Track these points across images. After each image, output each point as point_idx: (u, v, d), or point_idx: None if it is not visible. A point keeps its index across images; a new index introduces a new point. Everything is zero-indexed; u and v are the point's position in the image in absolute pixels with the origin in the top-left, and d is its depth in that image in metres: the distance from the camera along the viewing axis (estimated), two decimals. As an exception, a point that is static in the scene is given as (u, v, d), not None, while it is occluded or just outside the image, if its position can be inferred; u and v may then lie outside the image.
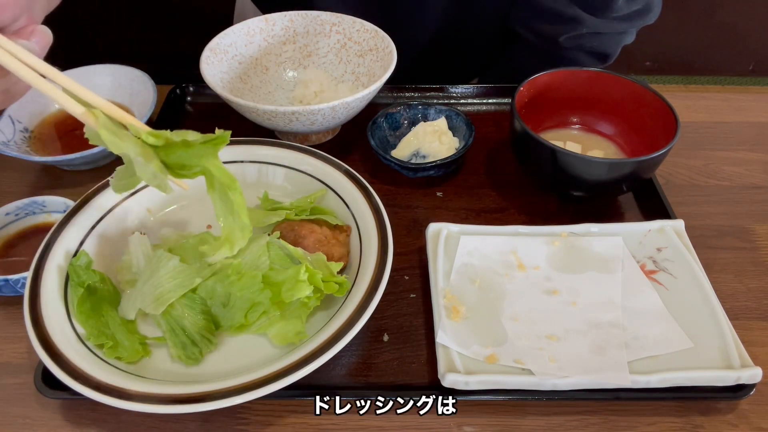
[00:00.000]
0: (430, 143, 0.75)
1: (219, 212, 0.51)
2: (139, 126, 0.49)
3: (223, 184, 0.50)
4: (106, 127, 0.47)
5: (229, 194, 0.50)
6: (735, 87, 2.26)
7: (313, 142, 0.80)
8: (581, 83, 0.75)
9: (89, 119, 0.48)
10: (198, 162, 0.49)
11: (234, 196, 0.50)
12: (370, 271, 0.56)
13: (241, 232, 0.52)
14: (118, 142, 0.47)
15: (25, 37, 0.47)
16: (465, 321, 0.56)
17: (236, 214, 0.51)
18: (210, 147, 0.48)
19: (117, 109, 0.49)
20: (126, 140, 0.48)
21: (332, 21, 0.84)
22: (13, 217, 0.66)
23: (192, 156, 0.49)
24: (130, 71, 0.82)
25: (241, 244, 0.52)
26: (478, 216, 0.71)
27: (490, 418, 0.53)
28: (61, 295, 0.55)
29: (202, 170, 0.50)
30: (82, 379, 0.48)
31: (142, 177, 0.48)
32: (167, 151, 0.49)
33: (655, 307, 0.57)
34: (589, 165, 0.64)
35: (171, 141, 0.48)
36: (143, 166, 0.48)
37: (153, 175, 0.48)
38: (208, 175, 0.50)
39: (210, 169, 0.49)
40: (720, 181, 0.77)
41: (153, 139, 0.48)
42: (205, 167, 0.49)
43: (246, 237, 0.52)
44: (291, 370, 0.48)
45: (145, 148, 0.48)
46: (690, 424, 0.53)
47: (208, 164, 0.49)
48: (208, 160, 0.48)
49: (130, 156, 0.48)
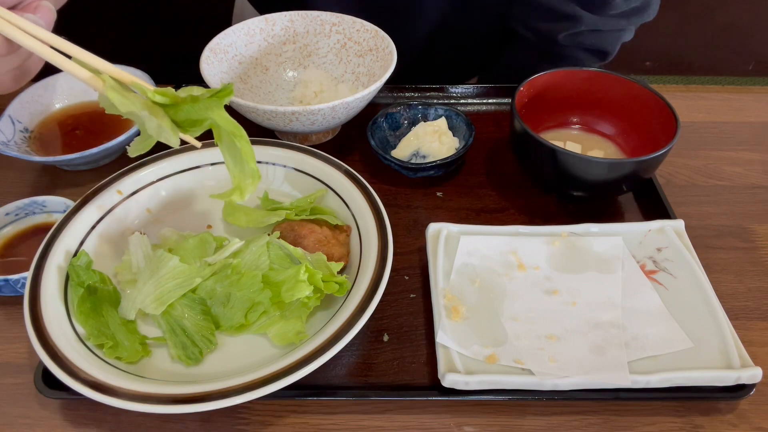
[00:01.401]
0: (430, 143, 0.75)
1: (228, 163, 0.53)
2: (146, 86, 0.51)
3: (230, 133, 0.51)
4: (113, 88, 0.50)
5: (235, 142, 0.51)
6: (735, 87, 2.26)
7: (313, 142, 0.80)
8: (581, 83, 0.75)
9: (97, 83, 0.50)
10: (205, 115, 0.50)
11: (240, 143, 0.51)
12: (370, 271, 0.56)
13: (251, 179, 0.53)
14: (126, 101, 0.49)
15: (31, 12, 0.49)
16: (465, 321, 0.56)
17: (244, 161, 0.52)
18: (216, 100, 0.50)
19: (124, 72, 0.51)
20: (133, 100, 0.50)
21: (332, 21, 0.84)
22: (13, 217, 0.66)
23: (199, 110, 0.50)
24: (130, 71, 0.82)
25: (251, 190, 0.54)
26: (478, 216, 0.71)
27: (490, 418, 0.53)
28: (61, 295, 0.55)
29: (210, 123, 0.51)
30: (82, 379, 0.48)
31: (148, 131, 0.50)
32: (176, 109, 0.51)
33: (655, 307, 0.57)
34: (589, 165, 0.64)
35: (178, 98, 0.50)
36: (148, 119, 0.49)
37: (158, 127, 0.50)
38: (215, 126, 0.52)
39: (216, 120, 0.51)
40: (720, 181, 0.77)
41: (160, 97, 0.50)
42: (212, 119, 0.51)
43: (255, 183, 0.53)
44: (291, 370, 0.48)
45: (154, 107, 0.50)
46: (690, 424, 0.53)
47: (214, 116, 0.50)
48: (214, 111, 0.50)
49: (137, 112, 0.49)
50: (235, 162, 0.53)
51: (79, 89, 0.83)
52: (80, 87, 0.83)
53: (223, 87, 0.49)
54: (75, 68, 0.50)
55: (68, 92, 0.83)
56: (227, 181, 0.69)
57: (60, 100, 0.83)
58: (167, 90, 0.50)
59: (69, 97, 0.83)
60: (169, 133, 0.50)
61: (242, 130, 0.51)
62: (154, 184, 0.67)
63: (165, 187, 0.68)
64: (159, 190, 0.67)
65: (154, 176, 0.67)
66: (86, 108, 0.83)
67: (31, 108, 0.80)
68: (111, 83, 0.50)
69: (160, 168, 0.67)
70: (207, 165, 0.69)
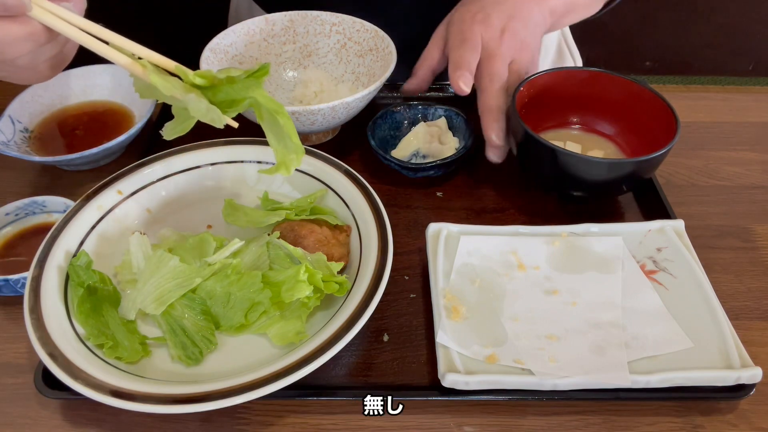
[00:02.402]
0: (431, 143, 0.75)
1: (270, 140, 0.54)
2: (185, 69, 0.52)
3: (270, 110, 0.52)
4: (155, 72, 0.51)
5: (278, 119, 0.52)
6: (735, 87, 2.26)
7: (313, 142, 0.80)
8: (581, 83, 0.75)
9: (137, 68, 0.51)
10: (245, 94, 0.51)
11: (282, 119, 0.52)
12: (370, 271, 0.56)
13: (295, 154, 0.54)
14: (168, 84, 0.50)
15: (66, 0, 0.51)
16: (465, 321, 0.56)
17: (287, 136, 0.53)
18: (254, 79, 0.51)
19: (162, 57, 0.52)
20: (174, 83, 0.51)
21: (332, 21, 0.85)
22: (13, 217, 0.66)
23: (239, 90, 0.51)
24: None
25: (296, 164, 0.55)
26: (478, 216, 0.71)
27: (490, 418, 0.53)
28: (61, 295, 0.55)
29: (250, 102, 0.52)
30: (82, 379, 0.48)
31: (196, 114, 0.51)
32: (214, 91, 0.52)
33: (655, 307, 0.57)
34: (589, 165, 0.64)
35: (216, 79, 0.51)
36: (196, 102, 0.50)
37: (207, 109, 0.51)
38: (256, 105, 0.52)
39: (257, 98, 0.51)
40: (720, 181, 0.77)
41: (200, 80, 0.51)
42: (253, 98, 0.51)
43: (300, 157, 0.54)
44: (291, 370, 0.48)
45: (193, 90, 0.51)
46: (690, 424, 0.53)
47: (255, 94, 0.51)
48: (255, 90, 0.51)
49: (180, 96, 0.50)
50: (278, 138, 0.54)
51: (79, 89, 0.83)
52: (80, 87, 0.83)
53: (260, 66, 0.50)
54: (115, 54, 0.51)
55: (68, 92, 0.83)
56: (227, 180, 0.70)
57: (60, 100, 0.82)
58: (207, 72, 0.51)
59: (69, 97, 0.83)
60: (218, 114, 0.51)
61: (283, 107, 0.52)
62: (154, 184, 0.67)
63: (165, 187, 0.68)
64: (159, 190, 0.67)
65: (154, 176, 0.67)
66: (86, 108, 0.83)
67: (31, 108, 0.80)
68: (152, 68, 0.51)
69: (160, 168, 0.67)
70: (207, 165, 0.69)
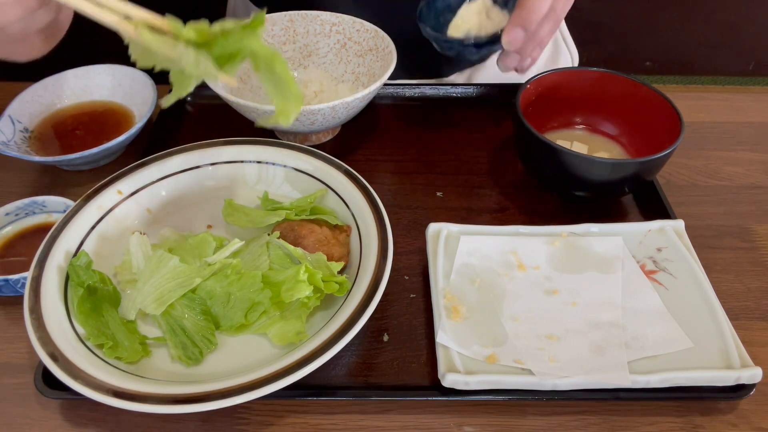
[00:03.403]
0: (480, 22, 0.72)
1: (268, 90, 0.52)
2: (179, 25, 0.50)
3: (268, 58, 0.50)
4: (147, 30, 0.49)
5: (275, 67, 0.50)
6: (735, 87, 2.26)
7: (313, 142, 0.80)
8: (586, 83, 0.74)
9: (127, 27, 0.49)
10: (241, 45, 0.49)
11: (280, 67, 0.50)
12: (370, 271, 0.56)
13: (294, 102, 0.52)
14: (161, 42, 0.49)
15: None
16: (465, 321, 0.56)
17: (285, 84, 0.51)
18: (249, 30, 0.49)
19: (153, 15, 0.50)
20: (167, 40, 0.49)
21: (332, 21, 0.84)
22: (13, 217, 0.66)
23: (234, 42, 0.49)
24: (130, 71, 0.82)
25: (295, 113, 0.52)
26: (478, 216, 0.71)
27: (490, 418, 0.53)
28: (61, 295, 0.55)
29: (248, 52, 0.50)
30: (82, 379, 0.48)
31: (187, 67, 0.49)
32: (209, 47, 0.50)
33: (655, 307, 0.57)
34: (592, 165, 0.64)
35: (211, 33, 0.49)
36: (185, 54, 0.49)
37: (196, 61, 0.49)
38: (252, 56, 0.50)
39: (253, 47, 0.49)
40: (720, 181, 0.77)
41: (194, 33, 0.49)
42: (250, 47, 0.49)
43: (299, 106, 0.52)
44: (291, 370, 0.48)
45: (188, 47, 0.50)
46: (690, 424, 0.53)
47: (251, 44, 0.49)
48: (251, 40, 0.49)
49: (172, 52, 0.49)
50: (276, 88, 0.52)
51: (79, 89, 0.83)
52: (80, 87, 0.83)
53: (255, 17, 0.49)
54: (101, 14, 0.49)
55: (68, 92, 0.83)
56: (227, 180, 0.70)
57: (60, 100, 0.82)
58: (201, 24, 0.49)
59: (69, 97, 0.83)
60: (210, 66, 0.49)
61: (279, 54, 0.50)
62: (154, 184, 0.67)
63: (165, 187, 0.68)
64: (159, 190, 0.67)
65: (154, 176, 0.67)
66: (86, 108, 0.83)
67: (31, 108, 0.80)
68: (143, 26, 0.49)
69: (160, 168, 0.67)
70: (207, 165, 0.69)
